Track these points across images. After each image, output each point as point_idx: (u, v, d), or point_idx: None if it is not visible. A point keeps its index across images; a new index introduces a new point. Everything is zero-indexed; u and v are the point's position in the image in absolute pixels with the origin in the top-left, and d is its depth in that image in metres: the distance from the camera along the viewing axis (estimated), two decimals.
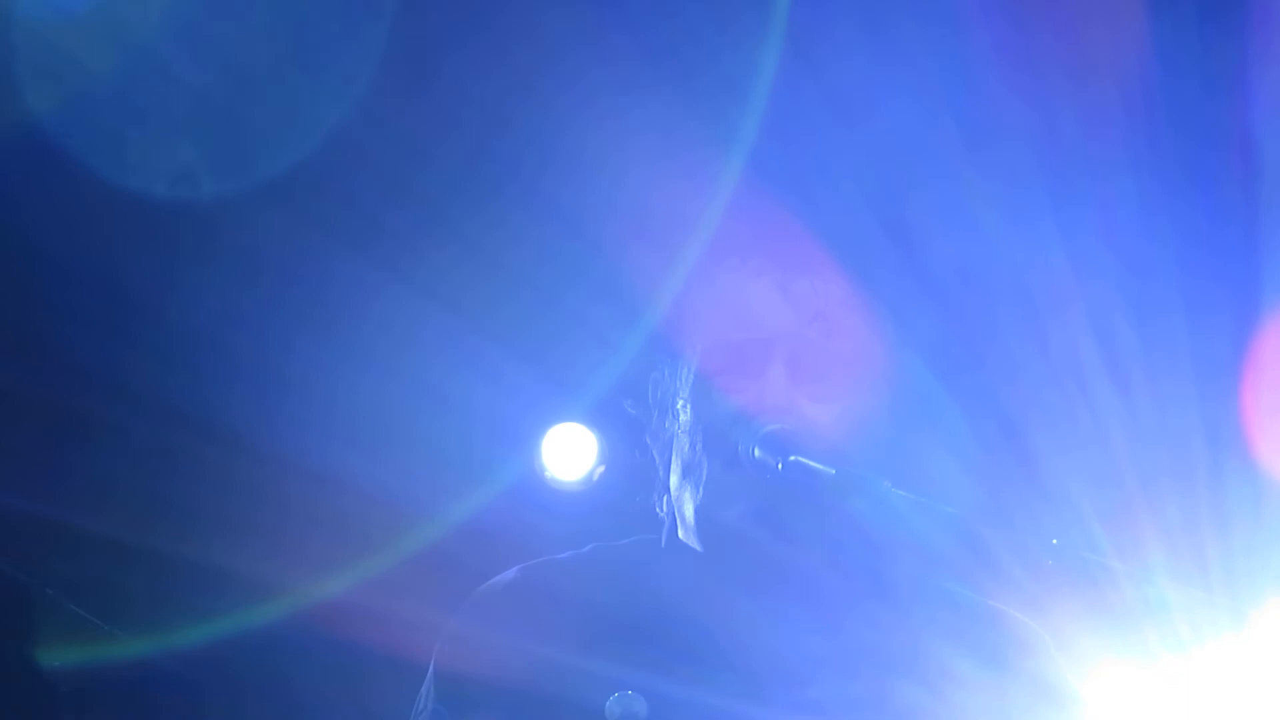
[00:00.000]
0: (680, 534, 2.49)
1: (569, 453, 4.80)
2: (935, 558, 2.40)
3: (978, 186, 3.65)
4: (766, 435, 2.31)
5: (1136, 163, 3.76)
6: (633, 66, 3.84)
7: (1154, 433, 3.66)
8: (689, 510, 2.44)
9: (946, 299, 2.57)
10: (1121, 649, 2.54)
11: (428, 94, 4.04)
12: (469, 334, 4.48)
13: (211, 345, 4.53)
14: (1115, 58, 3.64)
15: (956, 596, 2.49)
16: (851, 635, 2.38)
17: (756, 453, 2.31)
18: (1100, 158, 3.76)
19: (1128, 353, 3.72)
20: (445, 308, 4.44)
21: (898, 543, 2.39)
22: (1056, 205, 3.73)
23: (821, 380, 2.40)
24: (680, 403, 2.49)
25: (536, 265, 4.42)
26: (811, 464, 2.26)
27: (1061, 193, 3.75)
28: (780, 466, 2.28)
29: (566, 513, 4.78)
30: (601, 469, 4.79)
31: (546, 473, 4.81)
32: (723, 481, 2.39)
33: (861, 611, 2.41)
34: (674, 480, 2.48)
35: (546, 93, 3.99)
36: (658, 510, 2.55)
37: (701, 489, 2.41)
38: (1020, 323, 3.63)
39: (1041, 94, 3.67)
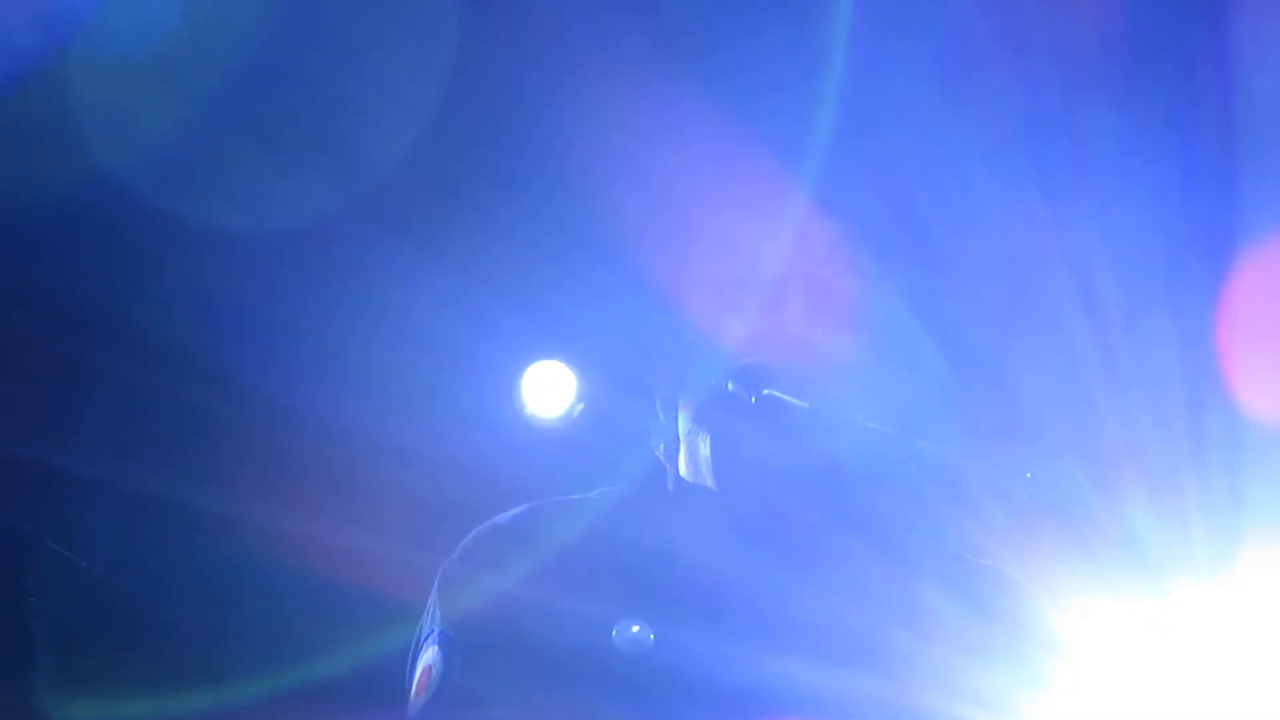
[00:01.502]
0: (684, 472, 2.48)
1: (548, 390, 4.80)
2: (912, 494, 2.40)
3: (959, 136, 3.64)
4: (740, 369, 2.31)
5: (1117, 112, 3.76)
6: (638, 31, 3.85)
7: (1132, 371, 3.66)
8: (704, 450, 2.43)
9: (927, 243, 2.56)
10: (1098, 587, 2.54)
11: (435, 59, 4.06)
12: (447, 272, 4.47)
13: (204, 289, 4.53)
14: (1101, 18, 3.65)
15: (940, 540, 2.49)
16: (841, 578, 2.38)
17: (730, 386, 2.30)
18: (1082, 107, 3.76)
19: (1106, 292, 3.72)
20: (423, 247, 4.42)
21: (878, 481, 2.39)
22: (1037, 155, 3.73)
23: (834, 316, 2.39)
24: (688, 345, 2.47)
25: (516, 206, 4.40)
26: (786, 398, 2.25)
27: (1043, 143, 3.75)
28: (754, 400, 2.27)
29: (546, 450, 4.78)
30: (581, 406, 4.79)
31: (526, 410, 4.80)
32: (728, 423, 2.38)
33: (850, 554, 2.40)
34: (683, 420, 2.47)
35: (542, 49, 3.99)
36: (657, 454, 2.54)
37: (711, 429, 2.40)
38: (999, 264, 3.64)
39: (1024, 49, 3.67)
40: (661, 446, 2.52)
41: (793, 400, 2.26)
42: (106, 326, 4.52)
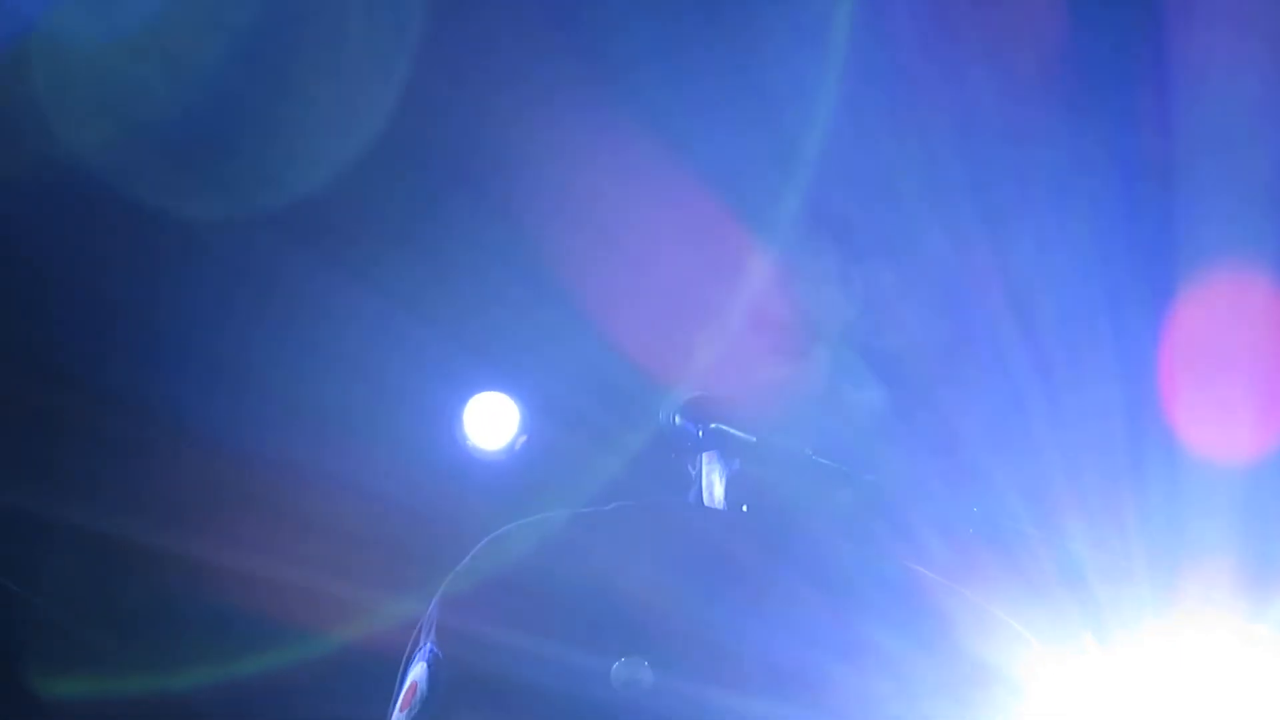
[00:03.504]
0: (705, 498, 2.47)
1: (490, 422, 4.78)
2: (856, 528, 2.40)
3: (900, 167, 3.66)
4: (688, 402, 2.30)
5: (1058, 144, 3.79)
6: (582, 65, 3.85)
7: (1074, 407, 3.68)
8: (719, 490, 2.43)
9: (868, 274, 2.57)
10: (1040, 622, 2.54)
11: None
12: (389, 304, 4.46)
13: (136, 323, 4.50)
14: (1038, 45, 3.67)
15: (883, 575, 2.48)
16: (784, 613, 2.37)
17: (677, 420, 2.30)
18: (1023, 140, 3.78)
19: (1047, 327, 3.74)
20: (362, 279, 4.41)
21: (822, 514, 2.38)
22: (977, 187, 3.75)
23: (779, 349, 2.38)
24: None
25: (457, 237, 4.40)
26: (732, 431, 2.25)
27: (983, 175, 3.77)
28: (701, 434, 2.27)
29: (489, 483, 4.76)
30: (524, 438, 4.78)
31: (468, 442, 4.79)
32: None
33: (793, 589, 2.39)
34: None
35: (484, 82, 3.99)
36: (690, 469, 2.52)
37: (728, 467, 2.40)
38: (941, 295, 3.65)
39: (963, 78, 3.70)
40: (701, 461, 2.49)
41: (739, 433, 2.26)
42: (24, 357, 4.49)
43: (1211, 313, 3.73)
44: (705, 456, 2.44)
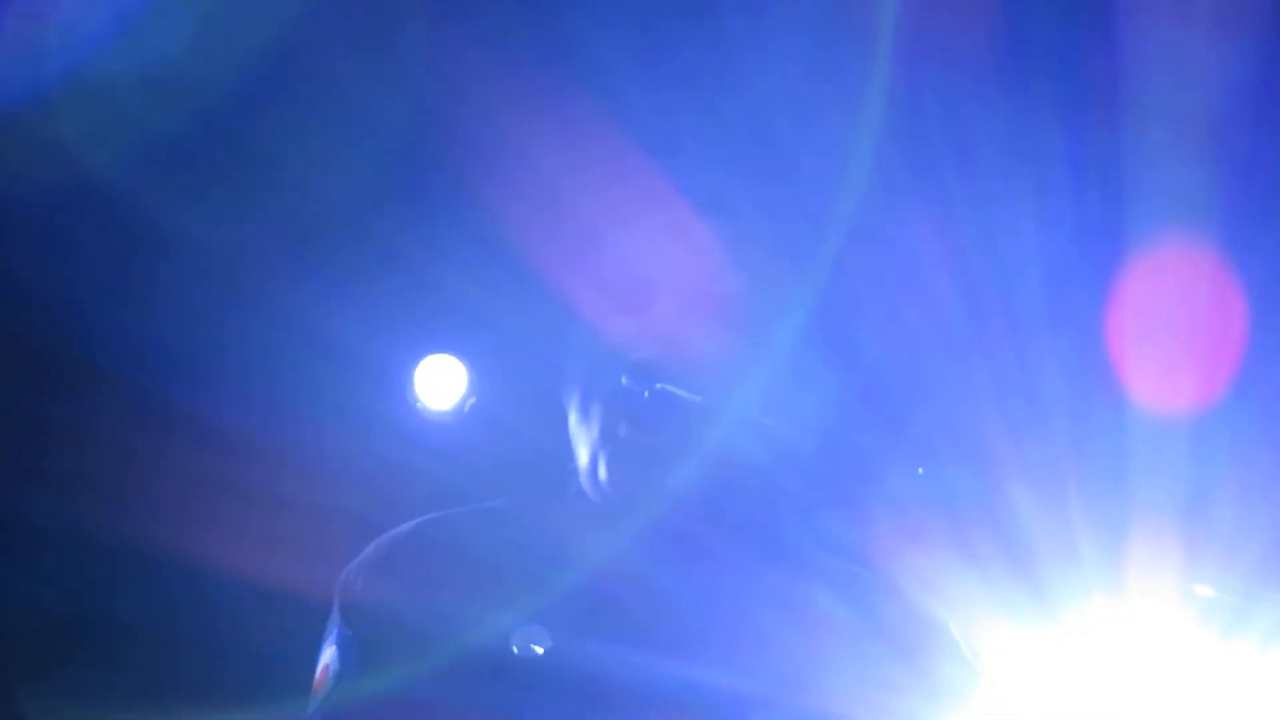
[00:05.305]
0: (583, 484, 2.46)
1: (439, 384, 4.79)
2: (802, 494, 2.41)
3: (843, 134, 3.67)
4: (634, 363, 2.31)
5: (1001, 110, 3.80)
6: (526, 31, 3.85)
7: (1017, 373, 3.70)
8: (583, 459, 2.43)
9: (813, 241, 2.58)
10: (986, 593, 2.56)
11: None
12: (333, 268, 4.44)
13: (75, 284, 4.46)
14: (984, 25, 3.69)
15: (830, 542, 2.50)
16: (729, 580, 2.38)
17: (624, 381, 2.30)
18: (965, 109, 3.80)
19: (990, 295, 3.76)
20: (307, 242, 4.40)
21: (768, 479, 2.39)
22: (917, 156, 3.76)
23: (727, 312, 2.39)
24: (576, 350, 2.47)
25: (403, 199, 4.39)
26: (678, 392, 2.26)
27: (924, 147, 3.78)
28: (647, 394, 2.28)
29: (440, 445, 4.76)
30: (472, 400, 4.79)
31: (417, 404, 4.79)
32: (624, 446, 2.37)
33: (739, 556, 2.41)
34: (571, 425, 2.46)
35: (429, 48, 3.98)
36: (570, 466, 2.52)
37: (596, 438, 2.40)
38: (887, 264, 3.66)
39: (906, 45, 3.71)
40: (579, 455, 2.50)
41: (686, 395, 2.27)
42: None
43: (1155, 282, 3.76)
44: (586, 444, 2.45)
